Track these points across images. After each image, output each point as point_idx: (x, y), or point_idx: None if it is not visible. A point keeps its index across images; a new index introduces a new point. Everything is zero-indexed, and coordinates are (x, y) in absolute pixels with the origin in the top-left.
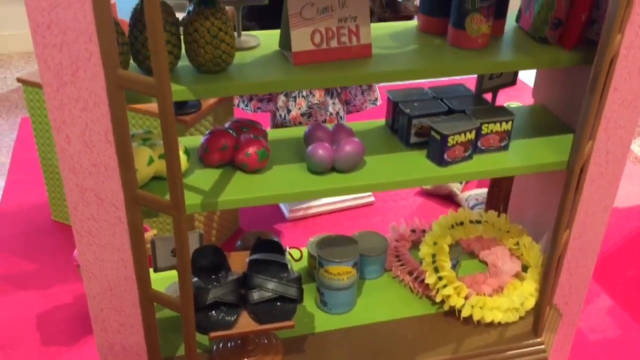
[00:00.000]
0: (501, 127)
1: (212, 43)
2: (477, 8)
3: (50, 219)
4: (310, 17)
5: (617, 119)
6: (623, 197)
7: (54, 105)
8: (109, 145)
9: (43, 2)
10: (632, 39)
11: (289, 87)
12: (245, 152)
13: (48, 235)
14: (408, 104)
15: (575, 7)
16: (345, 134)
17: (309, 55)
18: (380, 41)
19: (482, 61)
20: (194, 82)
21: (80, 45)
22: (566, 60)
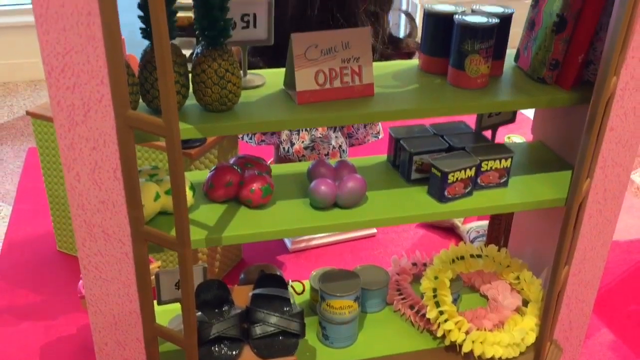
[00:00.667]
0: (500, 164)
1: (219, 84)
2: (476, 50)
3: (55, 249)
4: (314, 58)
5: (614, 157)
6: (624, 230)
7: (65, 144)
8: (117, 182)
9: (58, 47)
10: (627, 80)
11: (293, 126)
12: (250, 189)
13: (53, 266)
14: (409, 141)
15: (572, 49)
16: (347, 170)
17: (313, 95)
18: (383, 80)
19: (481, 101)
20: (201, 121)
21: (92, 87)
22: (563, 101)
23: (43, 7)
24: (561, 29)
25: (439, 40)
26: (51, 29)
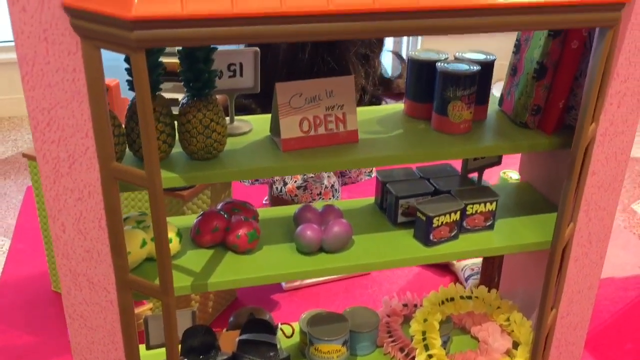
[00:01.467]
0: (485, 208)
1: (204, 133)
2: (458, 97)
3: (50, 289)
4: (298, 106)
5: (597, 201)
6: (619, 267)
7: (50, 195)
8: (102, 232)
9: (43, 102)
10: (607, 127)
11: (278, 173)
12: (236, 234)
13: (48, 306)
14: (395, 184)
15: (553, 95)
16: (333, 215)
17: (298, 142)
18: (368, 125)
19: (464, 147)
20: (186, 169)
21: (76, 140)
22: (545, 146)
23: (29, 65)
24: (541, 76)
25: (422, 86)
26: (37, 85)
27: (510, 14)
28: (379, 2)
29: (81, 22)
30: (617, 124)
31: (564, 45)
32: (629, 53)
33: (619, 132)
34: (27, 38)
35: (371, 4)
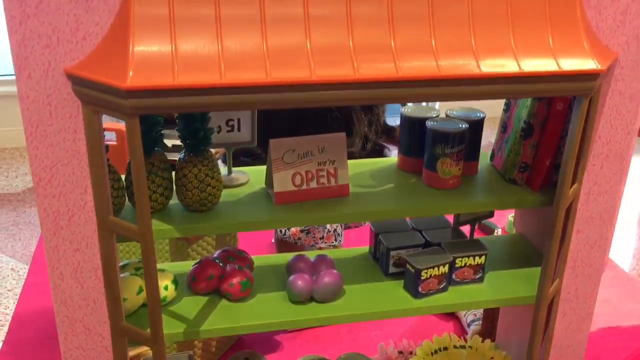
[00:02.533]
0: (475, 261)
1: (199, 187)
2: (446, 154)
3: None
4: (291, 161)
5: (584, 258)
6: (625, 316)
7: (50, 246)
8: (98, 281)
9: (46, 161)
10: (590, 186)
11: (270, 226)
12: (230, 283)
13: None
14: (388, 236)
15: (540, 154)
16: (325, 265)
17: (290, 196)
18: (360, 179)
19: (452, 202)
20: (181, 221)
21: (76, 195)
22: (531, 203)
23: (34, 126)
24: (529, 134)
25: (414, 142)
26: (40, 145)
27: (491, 83)
28: (359, 74)
29: (81, 89)
30: (601, 184)
31: (550, 107)
32: (610, 117)
33: (603, 192)
34: (32, 102)
35: (352, 75)
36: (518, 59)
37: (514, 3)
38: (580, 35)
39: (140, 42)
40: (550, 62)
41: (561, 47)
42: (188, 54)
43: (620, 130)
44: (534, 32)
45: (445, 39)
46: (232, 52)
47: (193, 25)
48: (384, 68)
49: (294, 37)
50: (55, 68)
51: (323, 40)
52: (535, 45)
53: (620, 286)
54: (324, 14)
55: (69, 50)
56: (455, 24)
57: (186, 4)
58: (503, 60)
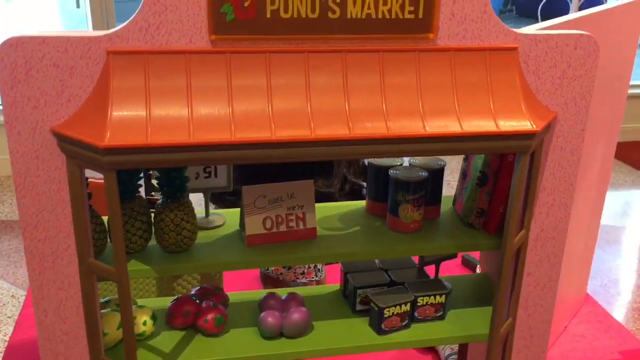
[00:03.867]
0: (436, 300)
1: (175, 230)
2: (407, 200)
3: None
4: (262, 206)
5: (535, 298)
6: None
7: (35, 285)
8: (79, 317)
9: (32, 208)
10: (538, 233)
11: (242, 267)
12: (204, 319)
13: None
14: (355, 275)
15: (494, 201)
16: (295, 303)
17: (261, 238)
18: (329, 222)
19: (413, 245)
20: (159, 262)
21: (60, 239)
22: (487, 246)
23: (22, 177)
24: (484, 183)
25: (380, 188)
26: (28, 194)
27: (436, 141)
28: (315, 134)
29: (66, 145)
30: (548, 230)
31: (502, 158)
32: (553, 169)
33: (550, 238)
34: (21, 156)
35: (309, 135)
36: (460, 120)
37: (458, 72)
38: (518, 98)
39: (117, 108)
40: (490, 123)
41: (500, 109)
42: (161, 118)
43: (563, 181)
44: (476, 97)
45: (395, 104)
46: (200, 116)
47: (166, 94)
48: (338, 129)
49: (258, 103)
50: (43, 126)
51: (284, 106)
52: (477, 108)
53: (597, 322)
54: (285, 83)
55: (55, 111)
56: (404, 91)
57: (160, 76)
58: (447, 121)
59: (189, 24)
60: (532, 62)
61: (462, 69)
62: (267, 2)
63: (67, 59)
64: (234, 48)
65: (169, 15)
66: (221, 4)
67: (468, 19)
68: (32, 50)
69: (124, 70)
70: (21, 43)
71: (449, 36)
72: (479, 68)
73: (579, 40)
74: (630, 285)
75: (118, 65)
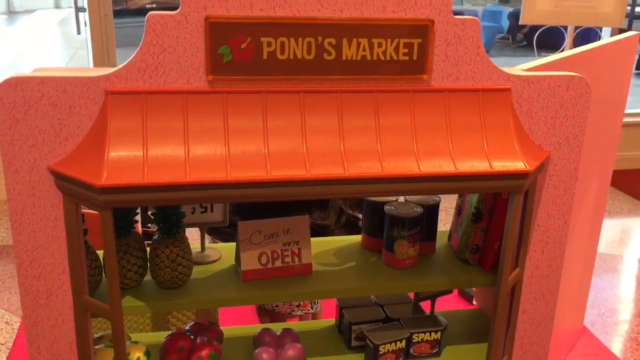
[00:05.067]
0: (431, 337)
1: (171, 266)
2: (402, 236)
3: None
4: (258, 242)
5: (530, 336)
6: None
7: (29, 322)
8: (73, 354)
9: (28, 244)
10: (533, 270)
11: (237, 303)
12: (198, 355)
13: None
14: (350, 310)
15: (489, 237)
16: (290, 339)
17: (256, 274)
18: (324, 257)
19: (408, 282)
20: (154, 298)
21: (54, 276)
22: (482, 282)
23: (18, 214)
24: (479, 219)
25: (375, 223)
26: (24, 230)
27: (430, 181)
28: (311, 173)
29: (63, 183)
30: (542, 268)
31: (496, 196)
32: (547, 207)
33: (545, 275)
34: (18, 194)
35: (305, 174)
36: (455, 160)
37: (452, 112)
38: (511, 138)
39: (115, 148)
40: (484, 164)
41: (494, 149)
42: (157, 157)
43: (557, 219)
44: (470, 137)
45: (390, 144)
46: (197, 156)
47: (163, 134)
48: (334, 169)
49: (254, 143)
50: (40, 164)
51: (279, 146)
52: (471, 148)
53: (594, 355)
54: (281, 124)
55: (52, 149)
56: (399, 131)
57: (158, 116)
58: (441, 161)
59: (186, 65)
60: (525, 103)
61: (455, 109)
62: (264, 44)
63: (65, 99)
64: (230, 88)
65: (167, 56)
66: (219, 45)
67: (461, 61)
68: (31, 90)
69: (122, 110)
70: (20, 83)
71: (442, 77)
72: (473, 109)
73: (571, 82)
74: (628, 315)
75: (116, 105)
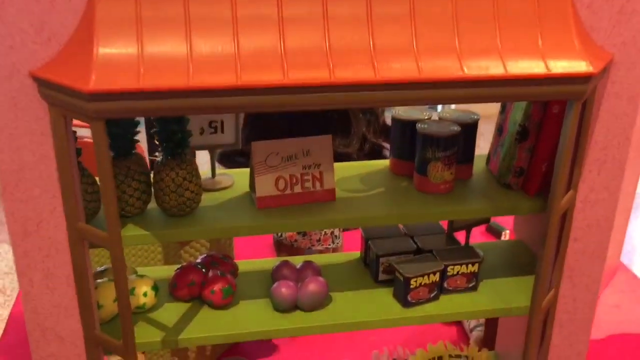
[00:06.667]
0: (467, 269)
1: (177, 191)
2: (437, 157)
3: None
4: (274, 164)
5: (581, 267)
6: (636, 322)
7: (18, 252)
8: (70, 288)
9: (12, 164)
10: (587, 193)
11: (252, 232)
12: (211, 290)
13: None
14: (377, 242)
15: (536, 158)
16: (311, 272)
17: (273, 200)
18: (349, 183)
19: (443, 208)
20: (159, 226)
21: (44, 200)
22: (526, 209)
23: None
24: (523, 138)
25: (405, 144)
26: (6, 148)
27: (474, 86)
28: (335, 77)
29: (48, 91)
30: (598, 190)
31: (545, 110)
32: (606, 121)
33: (601, 199)
34: None
35: (328, 78)
36: (504, 60)
37: (500, 1)
38: (571, 35)
39: (104, 44)
40: (538, 64)
41: (551, 48)
42: (155, 56)
43: (617, 134)
44: (522, 32)
45: (427, 40)
46: (201, 54)
47: (160, 26)
48: (361, 71)
49: (267, 38)
50: (21, 70)
51: (298, 42)
52: (523, 46)
53: (631, 291)
54: (299, 14)
55: (34, 52)
56: (437, 24)
57: (153, 3)
58: (488, 61)
59: None
60: None
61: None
62: None
63: None
64: None
65: None
66: None
67: None
68: None
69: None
70: None
71: None
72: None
73: None
74: None
75: None
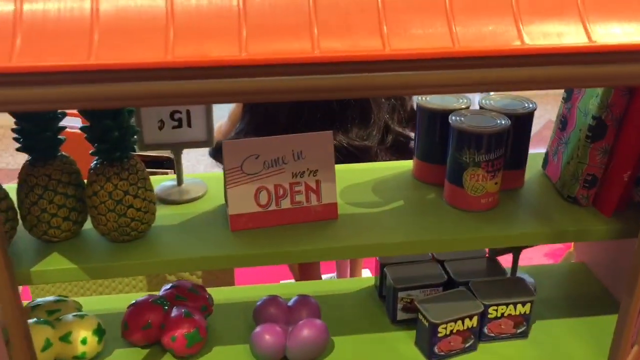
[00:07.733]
0: (516, 310)
1: (116, 210)
2: (477, 162)
3: None
4: (254, 172)
5: None
6: None
7: None
8: None
9: None
10: None
11: (221, 265)
12: (172, 336)
13: None
14: (396, 269)
15: (615, 163)
16: (306, 312)
17: (252, 220)
18: (358, 194)
19: (483, 233)
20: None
21: None
22: (601, 234)
23: None
24: (599, 136)
25: (434, 143)
26: None
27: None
28: (320, 49)
29: None
30: None
31: (632, 96)
32: None
33: None
34: None
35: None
36: (587, 25)
37: None
38: None
39: None
40: (630, 30)
41: None
42: (38, 18)
43: None
44: None
45: None
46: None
47: None
48: (362, 40)
49: None
50: None
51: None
52: (615, 4)
53: None
54: None
55: None
56: None
57: None
58: (561, 26)
59: None
60: None
61: None
62: None
63: None
64: None
65: None
66: None
67: None
68: None
69: None
70: None
71: None
72: None
73: None
74: None
75: None
